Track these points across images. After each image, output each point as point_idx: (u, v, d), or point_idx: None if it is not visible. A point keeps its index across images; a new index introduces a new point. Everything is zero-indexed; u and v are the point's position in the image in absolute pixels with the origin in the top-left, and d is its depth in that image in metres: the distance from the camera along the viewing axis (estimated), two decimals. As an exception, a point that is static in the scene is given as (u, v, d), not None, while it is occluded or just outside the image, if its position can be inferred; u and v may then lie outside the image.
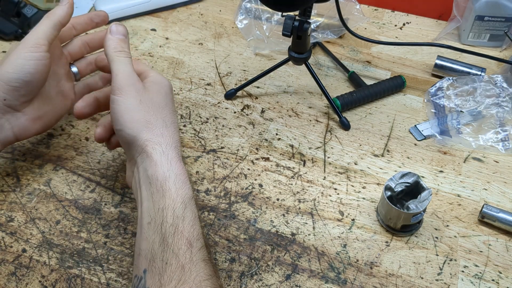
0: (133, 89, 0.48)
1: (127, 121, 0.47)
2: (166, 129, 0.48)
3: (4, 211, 0.56)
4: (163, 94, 0.51)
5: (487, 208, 0.55)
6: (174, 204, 0.43)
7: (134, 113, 0.47)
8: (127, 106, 0.47)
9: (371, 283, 0.50)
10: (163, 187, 0.44)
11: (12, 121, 0.53)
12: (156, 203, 0.44)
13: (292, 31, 0.59)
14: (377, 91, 0.69)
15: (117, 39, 0.51)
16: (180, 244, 0.42)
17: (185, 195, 0.44)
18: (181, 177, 0.45)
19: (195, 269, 0.41)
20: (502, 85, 0.68)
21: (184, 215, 0.43)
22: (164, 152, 0.46)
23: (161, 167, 0.45)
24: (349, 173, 0.61)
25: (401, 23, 0.84)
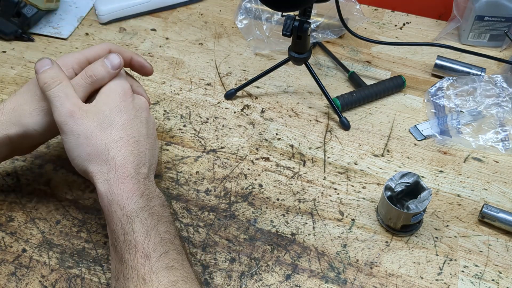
0: (68, 126, 0.46)
1: (73, 158, 0.47)
2: (108, 153, 0.46)
3: (4, 211, 0.56)
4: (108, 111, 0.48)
5: (487, 208, 0.55)
6: (121, 224, 0.44)
7: (75, 150, 0.46)
8: (68, 144, 0.47)
9: (371, 283, 0.50)
10: (109, 211, 0.45)
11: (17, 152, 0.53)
12: (109, 226, 0.45)
13: (292, 31, 0.59)
14: (377, 91, 0.69)
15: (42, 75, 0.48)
16: (136, 258, 0.42)
17: (131, 212, 0.44)
18: (123, 196, 0.45)
19: (156, 278, 0.41)
20: (502, 85, 0.68)
21: (134, 230, 0.43)
22: (107, 179, 0.45)
23: (105, 195, 0.45)
24: (349, 173, 0.61)
25: (401, 23, 0.84)
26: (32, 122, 0.49)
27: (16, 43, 0.79)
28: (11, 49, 0.78)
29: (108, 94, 0.49)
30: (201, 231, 0.54)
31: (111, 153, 0.46)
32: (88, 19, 0.84)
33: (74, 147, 0.46)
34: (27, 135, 0.49)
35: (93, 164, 0.46)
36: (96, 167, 0.46)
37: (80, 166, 0.47)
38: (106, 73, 0.49)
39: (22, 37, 0.79)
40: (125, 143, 0.47)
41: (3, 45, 0.78)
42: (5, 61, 0.75)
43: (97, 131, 0.46)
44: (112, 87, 0.50)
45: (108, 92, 0.50)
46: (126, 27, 0.82)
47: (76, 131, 0.46)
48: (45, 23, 0.82)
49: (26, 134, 0.49)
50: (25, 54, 0.77)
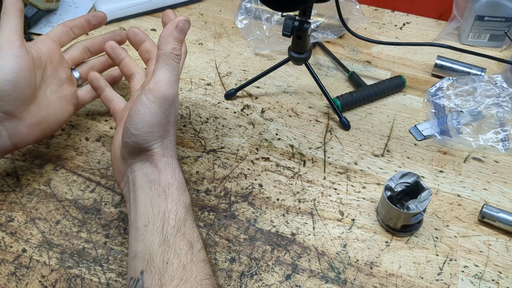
0: (168, 104, 0.46)
1: (145, 131, 0.46)
2: (171, 143, 0.48)
3: (4, 211, 0.56)
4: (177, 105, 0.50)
5: (487, 208, 0.55)
6: (177, 208, 0.45)
7: (155, 127, 0.46)
8: (154, 118, 0.45)
9: (371, 283, 0.50)
10: (165, 191, 0.45)
11: (9, 128, 0.52)
12: (155, 207, 0.44)
13: (292, 31, 0.59)
14: (377, 91, 0.69)
15: (178, 39, 0.46)
16: (181, 245, 0.43)
17: (187, 201, 0.46)
18: (182, 185, 0.47)
19: (196, 269, 0.42)
20: (502, 85, 0.68)
21: (186, 218, 0.45)
22: (168, 162, 0.47)
23: (165, 175, 0.46)
24: (349, 173, 0.61)
25: (401, 23, 0.84)
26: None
27: None
28: (11, 49, 0.78)
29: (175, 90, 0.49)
30: (201, 231, 0.54)
31: (172, 144, 0.48)
32: (88, 19, 0.84)
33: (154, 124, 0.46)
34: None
35: (160, 145, 0.47)
36: (161, 149, 0.47)
37: (142, 142, 0.46)
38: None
39: (22, 37, 0.79)
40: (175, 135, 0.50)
41: (3, 45, 0.78)
42: (5, 61, 0.75)
43: (173, 121, 0.49)
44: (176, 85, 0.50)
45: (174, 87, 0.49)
46: (126, 27, 0.82)
47: (167, 111, 0.46)
48: (45, 23, 0.82)
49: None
50: (25, 54, 0.77)
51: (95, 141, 0.64)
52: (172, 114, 0.48)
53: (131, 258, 0.44)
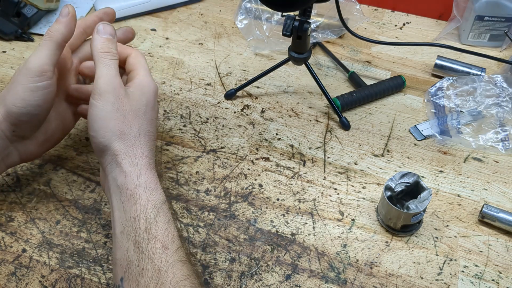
0: (112, 96, 0.47)
1: (101, 129, 0.46)
2: (139, 139, 0.47)
3: (4, 211, 0.56)
4: (144, 102, 0.49)
5: (487, 208, 0.55)
6: (145, 211, 0.44)
7: (109, 121, 0.46)
8: (103, 114, 0.46)
9: (371, 283, 0.50)
10: (133, 195, 0.44)
11: (20, 148, 0.51)
12: (127, 212, 0.44)
13: (292, 31, 0.59)
14: (377, 91, 0.69)
15: (103, 39, 0.49)
16: (155, 248, 0.42)
17: (157, 201, 0.45)
18: (151, 184, 0.45)
19: (171, 270, 0.41)
20: (502, 85, 0.68)
21: (157, 220, 0.44)
22: (133, 162, 0.46)
23: (131, 177, 0.45)
24: (349, 173, 0.61)
25: (401, 23, 0.84)
26: (10, 99, 0.48)
27: (16, 43, 0.79)
28: (11, 49, 0.78)
29: (146, 86, 0.50)
30: (201, 231, 0.54)
31: (141, 140, 0.47)
32: (88, 19, 0.84)
33: (108, 118, 0.46)
34: (12, 114, 0.48)
35: (121, 142, 0.46)
36: (123, 147, 0.46)
37: (104, 139, 0.46)
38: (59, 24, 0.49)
39: (22, 37, 0.79)
40: (151, 138, 0.49)
41: (3, 45, 0.78)
42: (5, 61, 0.75)
43: (132, 115, 0.48)
44: (149, 82, 0.51)
45: (146, 84, 0.51)
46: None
47: (116, 104, 0.47)
48: (45, 23, 0.82)
49: (10, 114, 0.48)
50: (25, 54, 0.77)
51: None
52: (124, 107, 0.47)
53: (113, 265, 0.44)
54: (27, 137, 0.52)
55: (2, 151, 0.50)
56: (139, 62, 0.53)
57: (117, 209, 0.45)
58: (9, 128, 0.49)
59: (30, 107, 0.48)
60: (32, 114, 0.49)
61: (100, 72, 0.48)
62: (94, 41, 0.49)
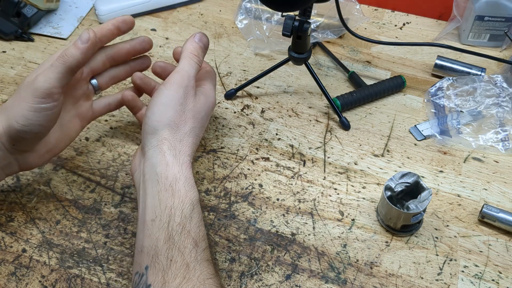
0: (182, 90, 0.49)
1: (158, 113, 0.47)
2: (188, 137, 0.48)
3: (4, 211, 0.56)
4: (206, 108, 0.51)
5: (487, 208, 0.55)
6: (183, 205, 0.44)
7: (169, 109, 0.48)
8: (167, 101, 0.48)
9: (371, 283, 0.50)
10: (172, 187, 0.45)
11: (20, 159, 0.51)
12: (162, 201, 0.44)
13: (292, 31, 0.59)
14: (377, 91, 0.69)
15: (196, 44, 0.52)
16: (186, 243, 0.42)
17: (193, 198, 0.46)
18: (190, 180, 0.46)
19: (199, 267, 0.42)
20: (502, 85, 0.68)
21: (192, 216, 0.44)
22: (176, 156, 0.47)
23: (172, 168, 0.46)
24: (349, 173, 0.61)
25: (401, 23, 0.84)
26: (13, 114, 0.46)
27: (16, 43, 0.79)
28: (11, 49, 0.78)
29: (210, 96, 0.53)
30: (201, 231, 0.54)
31: (189, 139, 0.49)
32: (88, 19, 0.84)
33: (170, 107, 0.48)
34: (13, 130, 0.47)
35: (172, 133, 0.47)
36: (171, 137, 0.47)
37: (157, 123, 0.47)
38: (76, 50, 0.47)
39: (22, 37, 0.79)
40: (197, 141, 0.50)
41: (3, 45, 0.78)
42: (5, 61, 0.75)
43: (191, 114, 0.49)
44: (213, 94, 0.54)
45: (210, 95, 0.53)
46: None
47: (182, 99, 0.49)
48: (45, 23, 0.82)
49: (11, 129, 0.47)
50: (25, 54, 0.77)
51: (95, 141, 0.64)
52: (188, 104, 0.49)
53: (137, 252, 0.44)
54: (27, 150, 0.51)
55: (1, 161, 0.49)
56: (210, 76, 0.56)
57: (151, 197, 0.45)
58: (10, 141, 0.48)
59: (32, 126, 0.47)
60: (33, 133, 0.48)
61: (182, 67, 0.50)
62: (187, 43, 0.52)
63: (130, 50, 0.57)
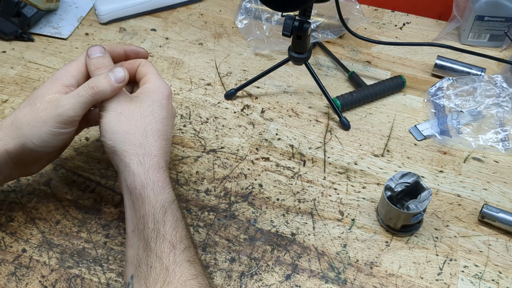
0: (114, 103, 0.48)
1: (107, 133, 0.47)
2: (146, 138, 0.47)
3: (4, 211, 0.56)
4: (150, 102, 0.50)
5: (487, 208, 0.55)
6: (153, 210, 0.44)
7: (113, 124, 0.47)
8: (108, 119, 0.47)
9: (371, 283, 0.50)
10: (141, 194, 0.45)
11: (22, 170, 0.51)
12: (137, 211, 0.45)
13: (292, 31, 0.59)
14: (377, 91, 0.69)
15: (95, 60, 0.50)
16: (162, 247, 0.43)
17: (164, 200, 0.45)
18: (158, 183, 0.46)
19: (179, 269, 0.42)
20: (502, 85, 0.68)
21: (165, 219, 0.44)
22: (141, 162, 0.46)
23: (139, 176, 0.46)
24: (349, 173, 0.61)
25: (401, 23, 0.84)
26: (29, 133, 0.47)
27: (16, 43, 0.79)
28: (11, 49, 0.78)
29: (153, 89, 0.51)
30: (201, 231, 0.54)
31: (148, 139, 0.48)
32: (88, 19, 0.84)
33: (113, 124, 0.47)
34: (26, 148, 0.47)
35: (128, 144, 0.47)
36: (131, 148, 0.47)
37: (111, 142, 0.47)
38: (109, 87, 0.47)
39: (22, 37, 0.79)
40: (161, 136, 0.49)
41: (3, 45, 0.78)
42: (5, 61, 0.75)
43: (138, 115, 0.48)
44: (157, 84, 0.52)
45: (154, 87, 0.51)
46: (126, 27, 0.82)
47: (118, 109, 0.48)
48: (45, 23, 0.82)
49: (24, 147, 0.47)
50: (25, 54, 0.77)
51: (95, 141, 0.64)
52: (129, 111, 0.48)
53: (125, 263, 0.45)
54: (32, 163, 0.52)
55: (4, 172, 0.50)
56: (147, 69, 0.54)
57: (129, 208, 0.46)
58: (18, 157, 0.49)
59: (47, 148, 0.48)
60: (47, 153, 0.49)
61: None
62: (88, 66, 0.50)
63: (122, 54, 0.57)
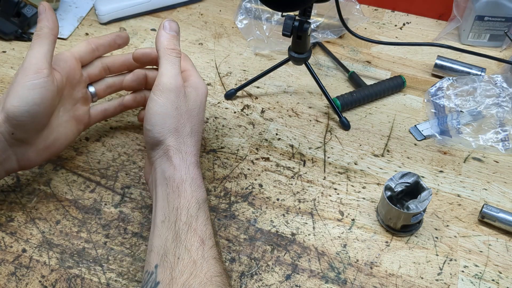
0: (173, 94, 0.48)
1: (158, 124, 0.48)
2: (190, 138, 0.49)
3: (4, 211, 0.56)
4: (199, 102, 0.51)
5: (487, 208, 0.55)
6: (188, 204, 0.45)
7: (167, 118, 0.48)
8: (163, 110, 0.48)
9: (371, 283, 0.50)
10: (179, 188, 0.46)
11: (19, 153, 0.51)
12: (171, 203, 0.45)
13: (292, 31, 0.59)
14: (377, 91, 0.69)
15: (169, 36, 0.51)
16: (192, 241, 0.43)
17: (200, 197, 0.46)
18: (197, 181, 0.47)
19: (206, 265, 0.42)
20: (502, 85, 0.68)
21: (198, 215, 0.45)
22: (183, 158, 0.47)
23: (179, 171, 0.47)
24: (349, 173, 0.61)
25: (401, 23, 0.84)
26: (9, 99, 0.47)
27: (16, 43, 0.79)
28: (11, 49, 0.78)
29: (199, 88, 0.52)
30: (201, 231, 0.54)
31: (192, 139, 0.49)
32: (88, 19, 0.84)
33: (167, 116, 0.48)
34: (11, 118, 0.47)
35: (175, 139, 0.48)
36: (176, 143, 0.48)
37: (160, 135, 0.47)
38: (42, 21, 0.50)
39: (22, 37, 0.79)
40: (199, 138, 0.50)
41: (3, 45, 0.78)
42: (5, 61, 0.75)
43: (187, 114, 0.49)
44: (200, 82, 0.53)
45: (199, 85, 0.52)
46: (126, 27, 0.82)
47: (176, 103, 0.48)
48: (45, 23, 0.82)
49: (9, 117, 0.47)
50: (25, 54, 0.77)
51: (95, 141, 0.64)
52: (182, 106, 0.49)
53: (148, 252, 0.45)
54: (26, 141, 0.51)
55: (1, 154, 0.49)
56: (189, 64, 0.55)
57: (161, 199, 0.46)
58: (8, 130, 0.48)
59: (28, 105, 0.48)
60: (30, 114, 0.48)
61: (165, 69, 0.49)
62: (160, 37, 0.50)
63: (125, 62, 0.59)
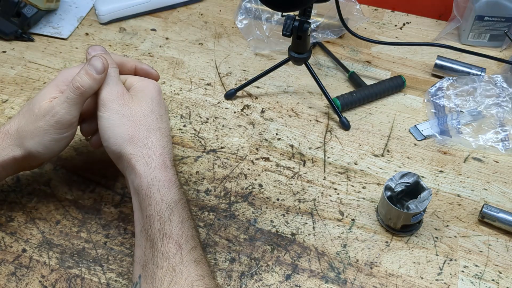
0: (116, 104, 0.48)
1: (111, 137, 0.47)
2: (150, 138, 0.48)
3: (4, 211, 0.56)
4: (149, 100, 0.50)
5: (487, 208, 0.55)
6: (159, 210, 0.44)
7: (117, 128, 0.47)
8: (110, 122, 0.47)
9: (371, 283, 0.50)
10: (148, 195, 0.45)
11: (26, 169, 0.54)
12: (144, 211, 0.45)
13: (292, 31, 0.59)
14: (377, 91, 0.69)
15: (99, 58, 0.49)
16: (169, 247, 0.43)
17: (171, 200, 0.45)
18: (165, 183, 0.46)
19: (186, 270, 0.42)
20: (502, 85, 0.68)
21: (171, 219, 0.44)
22: (147, 162, 0.46)
23: (145, 177, 0.46)
24: (349, 173, 0.61)
25: (401, 23, 0.84)
26: (33, 144, 0.48)
27: (16, 43, 0.79)
28: (11, 49, 0.78)
29: (147, 87, 0.51)
30: (201, 231, 0.54)
31: (152, 139, 0.48)
32: (88, 19, 0.84)
33: (116, 126, 0.47)
34: (31, 156, 0.49)
35: (133, 146, 0.47)
36: (135, 149, 0.47)
37: (116, 146, 0.47)
38: (92, 81, 0.48)
39: (22, 37, 0.79)
40: (163, 134, 0.49)
41: (3, 45, 0.78)
42: (5, 61, 0.75)
43: (140, 116, 0.48)
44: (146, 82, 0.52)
45: (145, 84, 0.52)
46: (126, 27, 0.82)
47: (121, 111, 0.48)
48: (45, 23, 0.82)
49: (30, 155, 0.49)
50: (25, 54, 0.77)
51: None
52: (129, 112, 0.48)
53: (133, 263, 0.46)
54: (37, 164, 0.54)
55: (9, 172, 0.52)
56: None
57: (137, 209, 0.46)
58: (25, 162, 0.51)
59: (52, 153, 0.50)
60: (51, 157, 0.51)
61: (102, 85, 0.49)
62: None
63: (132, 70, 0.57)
